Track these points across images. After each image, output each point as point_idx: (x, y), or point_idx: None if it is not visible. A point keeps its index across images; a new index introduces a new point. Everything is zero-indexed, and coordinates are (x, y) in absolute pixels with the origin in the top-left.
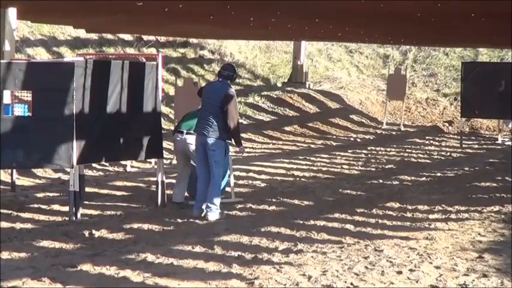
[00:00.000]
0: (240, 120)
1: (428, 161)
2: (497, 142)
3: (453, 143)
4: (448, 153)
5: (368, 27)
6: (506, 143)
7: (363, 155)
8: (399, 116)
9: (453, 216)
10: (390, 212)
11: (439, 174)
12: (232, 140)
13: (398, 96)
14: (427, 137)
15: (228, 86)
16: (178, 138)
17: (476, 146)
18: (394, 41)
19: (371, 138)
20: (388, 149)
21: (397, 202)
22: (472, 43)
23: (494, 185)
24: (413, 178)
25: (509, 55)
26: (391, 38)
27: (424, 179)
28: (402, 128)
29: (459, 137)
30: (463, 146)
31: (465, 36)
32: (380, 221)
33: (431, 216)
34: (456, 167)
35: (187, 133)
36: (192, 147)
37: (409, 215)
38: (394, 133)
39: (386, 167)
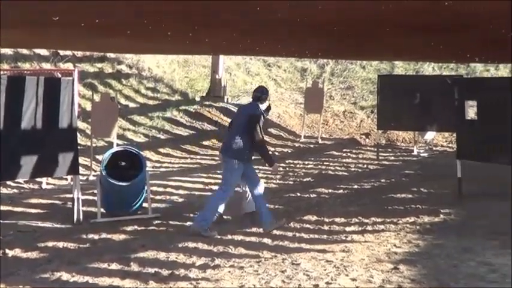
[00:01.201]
0: (158, 135)
1: (345, 173)
2: (413, 154)
3: (370, 155)
4: (365, 165)
5: (285, 41)
6: (422, 155)
7: (281, 169)
8: (317, 129)
9: (369, 228)
10: (307, 225)
11: (356, 186)
12: (262, 158)
13: (316, 109)
14: (344, 150)
15: (255, 107)
16: None
17: (392, 158)
18: (312, 54)
19: (289, 151)
20: (306, 162)
21: (315, 215)
22: (388, 56)
23: (410, 196)
24: (330, 191)
25: (424, 68)
26: (309, 52)
27: (341, 191)
28: (320, 141)
29: (376, 149)
30: (380, 158)
31: (381, 50)
32: (297, 234)
33: (348, 229)
34: (373, 179)
35: None
36: None
37: (326, 227)
38: (312, 146)
39: (304, 180)
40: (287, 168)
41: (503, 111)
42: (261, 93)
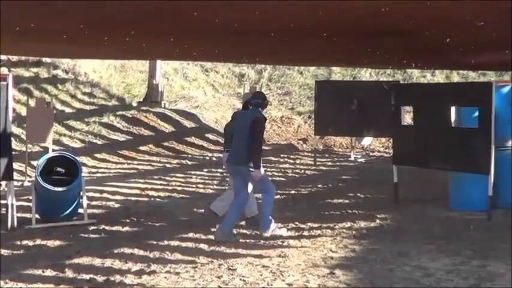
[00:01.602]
0: (94, 141)
1: (282, 178)
2: (350, 159)
3: (307, 160)
4: (302, 171)
5: (223, 46)
6: (359, 160)
7: (219, 174)
8: None
9: (306, 233)
10: (244, 231)
11: (293, 191)
12: (252, 161)
13: None
14: (281, 155)
15: (257, 112)
16: None
17: (329, 163)
18: (249, 60)
19: None
20: None
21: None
22: (326, 62)
23: (347, 201)
24: None
25: (361, 74)
26: (246, 57)
27: (278, 196)
28: None
29: (313, 155)
30: (317, 163)
31: (318, 56)
32: None
33: (284, 234)
34: (310, 184)
35: None
36: None
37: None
38: None
39: None
40: (224, 174)
41: (439, 116)
42: (262, 100)
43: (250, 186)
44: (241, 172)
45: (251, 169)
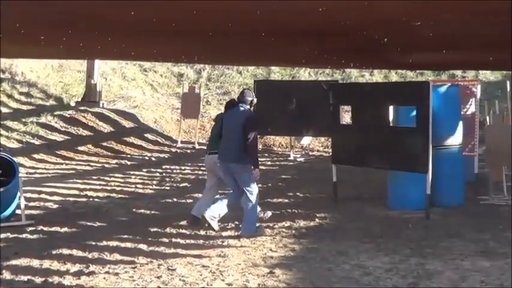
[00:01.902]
0: (32, 141)
1: None
2: (289, 158)
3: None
4: None
5: (161, 46)
6: (298, 159)
7: (158, 174)
8: (194, 134)
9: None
10: (184, 231)
11: (231, 191)
12: (249, 158)
13: (193, 114)
14: None
15: (248, 110)
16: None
17: (269, 163)
18: (188, 59)
19: (166, 156)
20: (183, 168)
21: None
22: (264, 62)
23: (286, 201)
24: None
25: (300, 73)
26: (185, 57)
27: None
28: (197, 146)
29: None
30: None
31: (257, 55)
32: (174, 239)
33: (224, 234)
34: None
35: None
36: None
37: (202, 232)
38: (188, 151)
39: (181, 185)
40: (164, 174)
41: (377, 116)
42: (252, 97)
43: (210, 186)
44: (234, 170)
45: (238, 167)
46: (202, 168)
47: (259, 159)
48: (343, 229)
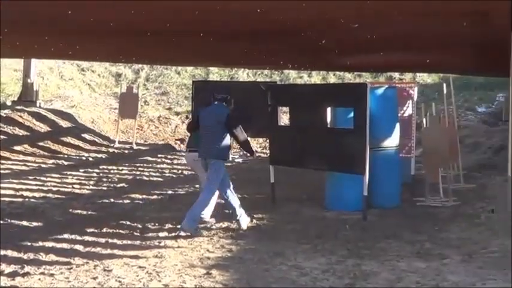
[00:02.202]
0: None
1: (160, 179)
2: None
3: (185, 160)
4: (180, 171)
5: (98, 46)
6: (236, 160)
7: (95, 174)
8: (131, 134)
9: (183, 233)
10: (121, 231)
11: (170, 191)
12: (245, 151)
13: (131, 114)
14: (159, 155)
15: (226, 107)
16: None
17: None
18: (126, 59)
19: (103, 157)
20: (120, 168)
21: (128, 221)
22: (203, 62)
23: (223, 201)
24: (144, 196)
25: (239, 74)
26: (123, 57)
27: (155, 197)
28: (135, 147)
29: None
30: None
31: (196, 56)
32: (110, 240)
33: (161, 234)
34: (187, 185)
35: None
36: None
37: (139, 233)
38: (126, 152)
39: (118, 185)
40: (101, 174)
41: (315, 117)
42: (227, 95)
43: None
44: (215, 166)
45: (217, 163)
46: (140, 168)
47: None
48: (281, 230)
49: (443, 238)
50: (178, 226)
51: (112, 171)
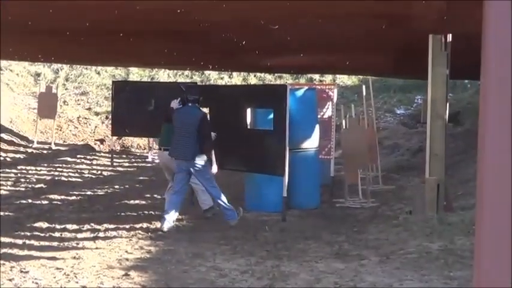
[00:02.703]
0: None
1: (79, 179)
2: (147, 160)
3: (104, 161)
4: (99, 172)
5: (17, 45)
6: (156, 161)
7: (13, 175)
8: (50, 134)
9: (102, 234)
10: (38, 233)
11: (89, 192)
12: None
13: (50, 114)
14: (78, 156)
15: (199, 109)
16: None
17: (127, 164)
18: (45, 59)
19: (21, 157)
20: (39, 168)
21: (46, 222)
22: (123, 62)
23: (143, 202)
24: (63, 197)
25: (159, 74)
26: (42, 56)
27: (74, 197)
28: (53, 147)
29: (110, 155)
30: (114, 164)
31: (115, 55)
32: (27, 241)
33: (79, 236)
34: (107, 185)
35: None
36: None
37: (57, 234)
38: (45, 152)
39: (36, 186)
40: (19, 175)
41: (235, 118)
42: (199, 95)
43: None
44: (188, 167)
45: (198, 164)
46: (58, 169)
47: (122, 160)
48: (200, 231)
49: (361, 239)
50: (98, 227)
51: (30, 172)
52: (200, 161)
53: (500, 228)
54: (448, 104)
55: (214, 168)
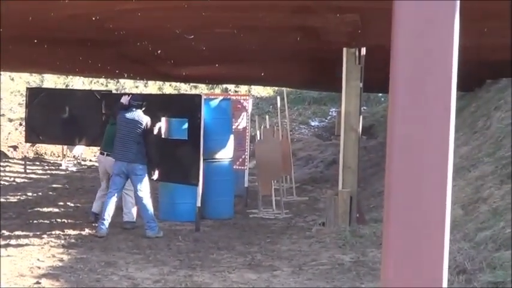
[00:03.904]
0: None
1: None
2: (61, 167)
3: (17, 168)
4: (12, 179)
5: None
6: (70, 169)
7: None
8: None
9: (13, 242)
10: None
11: (1, 199)
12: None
13: None
14: None
15: (143, 114)
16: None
17: (40, 171)
18: None
19: None
20: None
21: None
22: (38, 69)
23: (56, 210)
24: None
25: (74, 82)
26: None
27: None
28: None
29: (23, 162)
30: (27, 171)
31: (30, 62)
32: None
33: None
34: (19, 192)
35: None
36: None
37: None
38: None
39: None
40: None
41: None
42: (142, 101)
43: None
44: (133, 170)
45: (138, 169)
46: None
47: (35, 167)
48: (113, 240)
49: (274, 250)
50: (10, 234)
51: None
52: (141, 165)
53: (405, 240)
54: (361, 117)
55: (155, 175)
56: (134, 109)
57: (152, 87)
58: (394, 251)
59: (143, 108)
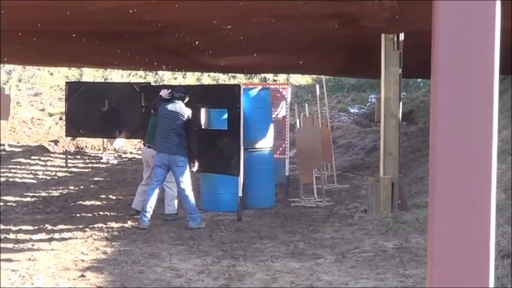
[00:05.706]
0: None
1: (33, 180)
2: (102, 161)
3: (59, 162)
4: (54, 173)
5: None
6: (111, 162)
7: None
8: (4, 135)
9: (57, 236)
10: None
11: (44, 194)
12: (191, 156)
13: (3, 115)
14: (32, 157)
15: (185, 106)
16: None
17: (81, 165)
18: None
19: None
20: None
21: (0, 224)
22: (76, 63)
23: (99, 203)
24: (17, 199)
25: (112, 75)
26: None
27: (28, 199)
28: (7, 148)
29: (65, 156)
30: (69, 165)
31: (68, 56)
32: None
33: (34, 237)
34: (61, 186)
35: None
36: None
37: (12, 236)
38: None
39: None
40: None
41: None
42: (184, 93)
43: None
44: (175, 161)
45: (180, 161)
46: (12, 170)
47: (76, 161)
48: (156, 232)
49: (317, 238)
50: (53, 228)
51: None
52: (182, 157)
53: (451, 226)
54: (401, 103)
55: (195, 167)
56: (176, 101)
57: (191, 79)
58: (440, 237)
59: (185, 100)
